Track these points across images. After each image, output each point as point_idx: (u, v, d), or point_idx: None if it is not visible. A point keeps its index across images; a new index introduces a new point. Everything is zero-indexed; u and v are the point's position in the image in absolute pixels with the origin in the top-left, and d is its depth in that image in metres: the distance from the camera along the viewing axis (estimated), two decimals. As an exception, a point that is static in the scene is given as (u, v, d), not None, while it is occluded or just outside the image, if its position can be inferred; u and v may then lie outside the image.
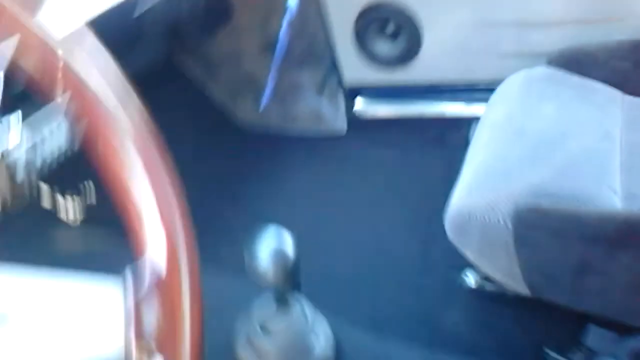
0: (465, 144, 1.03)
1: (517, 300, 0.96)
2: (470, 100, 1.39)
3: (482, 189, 0.86)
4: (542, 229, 0.79)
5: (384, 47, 1.42)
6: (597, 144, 0.93)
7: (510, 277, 0.85)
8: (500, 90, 1.11)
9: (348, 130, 1.50)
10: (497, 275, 0.88)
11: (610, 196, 0.83)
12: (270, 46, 1.50)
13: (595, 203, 0.81)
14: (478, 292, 1.04)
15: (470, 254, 0.88)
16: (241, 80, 1.53)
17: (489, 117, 1.05)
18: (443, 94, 1.45)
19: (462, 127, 1.26)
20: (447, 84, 1.43)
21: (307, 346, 0.85)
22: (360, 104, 1.50)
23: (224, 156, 1.43)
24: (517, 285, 0.85)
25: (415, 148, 1.42)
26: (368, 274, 1.15)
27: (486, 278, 1.03)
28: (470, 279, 1.06)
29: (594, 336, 0.92)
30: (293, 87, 1.53)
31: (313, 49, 1.50)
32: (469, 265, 1.01)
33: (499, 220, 0.80)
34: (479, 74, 1.36)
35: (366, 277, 1.14)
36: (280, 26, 1.48)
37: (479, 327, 1.03)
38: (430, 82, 1.44)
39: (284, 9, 1.47)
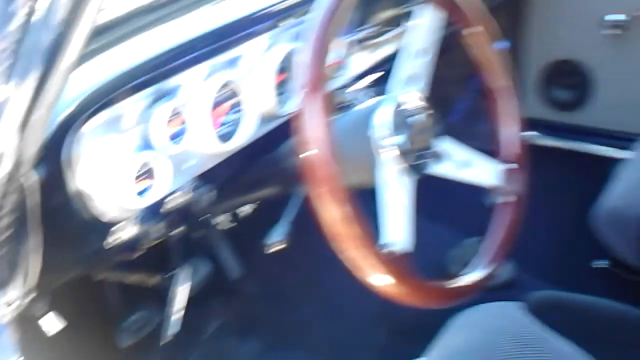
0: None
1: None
2: (622, 146, 1.68)
3: (631, 195, 1.27)
4: None
5: (560, 93, 1.86)
6: None
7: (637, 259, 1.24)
8: None
9: None
10: (629, 257, 1.26)
11: None
12: (468, 78, 1.90)
13: None
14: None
15: (610, 239, 1.27)
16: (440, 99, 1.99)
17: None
18: (603, 138, 1.80)
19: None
20: (606, 131, 1.79)
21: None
22: (533, 134, 1.91)
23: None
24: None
25: (571, 175, 1.78)
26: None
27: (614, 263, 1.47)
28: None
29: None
30: (479, 112, 1.98)
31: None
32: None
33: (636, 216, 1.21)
34: (631, 127, 1.71)
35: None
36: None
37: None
38: (592, 127, 1.82)
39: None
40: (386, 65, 1.11)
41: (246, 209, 1.17)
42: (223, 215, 1.12)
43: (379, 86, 0.92)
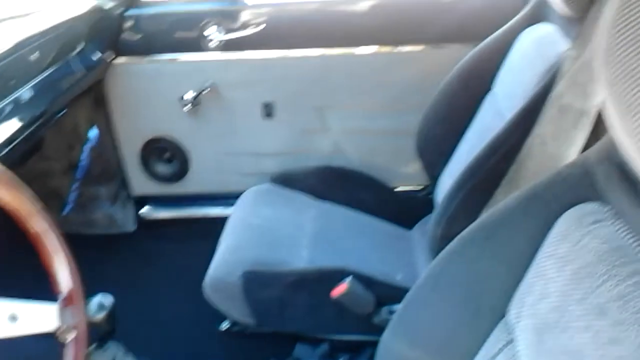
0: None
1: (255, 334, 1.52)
2: (227, 204, 1.82)
3: (227, 263, 1.38)
4: (260, 283, 1.34)
5: (162, 167, 1.95)
6: (295, 232, 1.50)
7: (245, 317, 1.36)
8: (241, 198, 1.64)
9: (137, 230, 1.99)
10: (238, 317, 1.37)
11: (302, 262, 1.39)
12: (73, 167, 1.92)
13: (293, 266, 1.37)
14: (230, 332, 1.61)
15: (221, 305, 1.37)
16: (48, 194, 1.92)
17: (234, 215, 1.58)
18: (210, 201, 1.97)
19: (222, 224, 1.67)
20: (211, 194, 1.97)
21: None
22: (146, 210, 2.01)
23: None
24: (249, 321, 1.36)
25: (188, 241, 1.87)
26: (157, 329, 1.65)
27: (234, 322, 1.56)
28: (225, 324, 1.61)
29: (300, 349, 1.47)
30: (91, 198, 1.98)
31: (108, 168, 1.97)
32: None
33: (236, 280, 1.33)
34: (230, 187, 1.89)
35: (155, 331, 1.64)
36: (82, 152, 1.92)
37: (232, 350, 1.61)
38: (198, 193, 1.98)
39: (85, 138, 1.92)
40: None
41: None
42: None
43: None
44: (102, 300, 1.20)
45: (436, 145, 1.52)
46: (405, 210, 1.68)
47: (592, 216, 0.66)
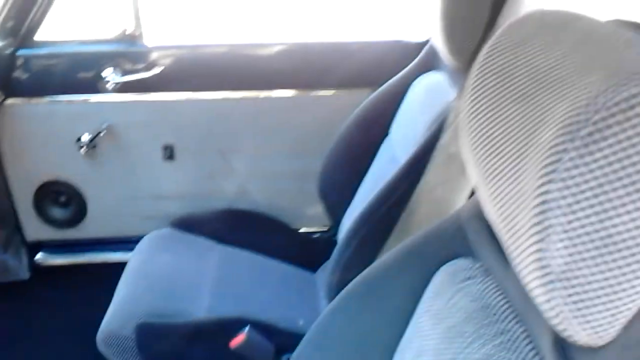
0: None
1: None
2: (127, 249, 1.71)
3: (120, 315, 1.32)
4: (155, 336, 1.28)
5: (57, 212, 1.86)
6: (195, 279, 1.45)
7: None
8: (139, 245, 1.59)
9: (31, 278, 1.86)
10: None
11: (201, 311, 1.35)
12: None
13: (191, 316, 1.33)
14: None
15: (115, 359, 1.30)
16: None
17: (131, 263, 1.52)
18: (109, 246, 1.88)
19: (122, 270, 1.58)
20: (110, 239, 1.89)
21: None
22: (41, 256, 1.89)
23: None
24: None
25: (86, 288, 1.72)
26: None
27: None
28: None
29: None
30: None
31: (-1, 213, 1.85)
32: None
33: (129, 333, 1.28)
34: (129, 231, 1.83)
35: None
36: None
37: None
38: (97, 237, 1.89)
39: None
40: None
41: None
42: None
43: None
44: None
45: (337, 189, 1.53)
46: (310, 252, 1.67)
47: (464, 272, 0.67)
